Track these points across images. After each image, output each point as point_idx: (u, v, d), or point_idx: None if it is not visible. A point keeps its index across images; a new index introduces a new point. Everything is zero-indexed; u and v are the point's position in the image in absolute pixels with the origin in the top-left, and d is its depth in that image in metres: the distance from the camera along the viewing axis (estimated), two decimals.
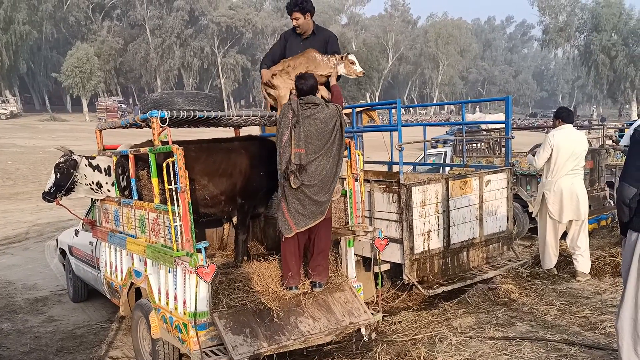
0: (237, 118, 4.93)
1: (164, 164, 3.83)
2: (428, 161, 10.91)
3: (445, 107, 64.78)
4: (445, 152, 11.75)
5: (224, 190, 5.25)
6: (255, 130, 7.77)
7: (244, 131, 6.27)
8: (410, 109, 66.82)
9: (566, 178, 5.83)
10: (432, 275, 5.61)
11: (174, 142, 4.01)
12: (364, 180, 5.80)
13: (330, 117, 4.17)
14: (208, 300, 3.92)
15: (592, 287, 5.44)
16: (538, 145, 6.88)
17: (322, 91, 4.75)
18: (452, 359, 4.00)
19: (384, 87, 72.25)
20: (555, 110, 6.43)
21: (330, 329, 4.25)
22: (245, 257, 5.30)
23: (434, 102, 66.03)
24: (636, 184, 3.13)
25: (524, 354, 3.98)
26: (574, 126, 6.12)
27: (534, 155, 6.15)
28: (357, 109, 7.46)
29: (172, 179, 3.79)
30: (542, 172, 6.16)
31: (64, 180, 5.41)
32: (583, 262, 5.91)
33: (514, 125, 23.35)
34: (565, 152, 5.78)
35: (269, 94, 5.08)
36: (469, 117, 25.45)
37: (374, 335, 4.68)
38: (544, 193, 6.00)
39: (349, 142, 4.88)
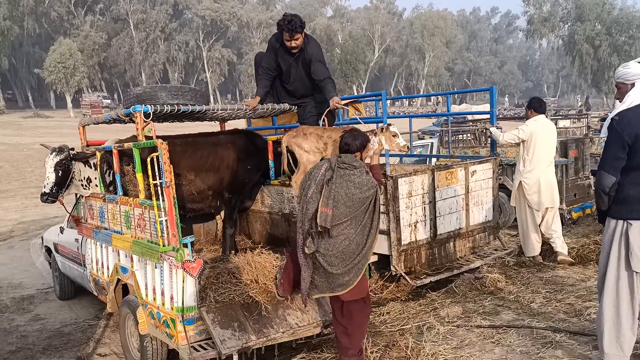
0: (222, 112, 4.90)
1: (149, 159, 3.79)
2: (415, 152, 10.95)
3: (432, 98, 64.89)
4: (432, 143, 11.80)
5: (210, 185, 5.24)
6: (241, 124, 7.74)
7: (230, 125, 6.24)
8: (397, 100, 66.90)
9: (542, 168, 5.96)
10: (420, 265, 5.63)
11: (158, 137, 3.98)
12: None
13: (366, 186, 3.61)
14: (195, 295, 3.91)
15: (576, 275, 5.52)
16: None
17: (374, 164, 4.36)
18: (439, 348, 4.03)
19: (371, 80, 72.25)
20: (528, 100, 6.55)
21: (318, 321, 4.27)
22: (233, 251, 5.29)
23: (420, 93, 66.15)
24: (615, 173, 3.18)
25: (510, 342, 4.03)
26: (557, 115, 6.22)
27: (498, 128, 6.29)
28: (344, 101, 7.46)
29: (157, 174, 3.76)
30: (518, 161, 6.28)
31: (65, 178, 5.34)
32: (560, 244, 6.16)
33: (500, 116, 23.53)
34: (541, 141, 5.96)
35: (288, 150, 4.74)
36: (455, 108, 25.57)
37: None
38: (521, 182, 6.12)
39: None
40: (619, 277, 3.24)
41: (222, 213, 5.67)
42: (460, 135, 11.41)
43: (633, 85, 3.34)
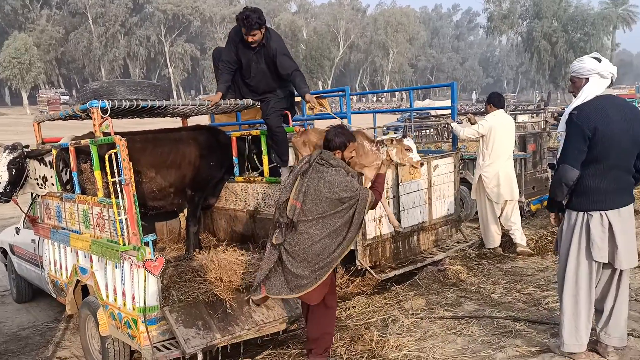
0: (184, 107, 4.82)
1: (107, 156, 3.70)
2: None
3: (397, 94, 65.59)
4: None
5: (172, 182, 5.15)
6: (204, 120, 7.65)
7: (193, 121, 6.14)
8: (364, 96, 67.31)
9: (501, 161, 6.11)
10: (384, 259, 5.69)
11: (116, 133, 3.88)
12: None
13: (338, 187, 3.47)
14: (158, 295, 3.84)
15: (535, 265, 5.68)
16: None
17: (367, 177, 4.18)
18: (403, 340, 4.08)
19: (336, 75, 72.46)
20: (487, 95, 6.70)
21: (284, 317, 4.25)
22: (197, 249, 5.22)
23: (385, 89, 66.74)
24: (578, 166, 3.25)
25: (472, 332, 4.11)
26: (517, 110, 6.39)
27: (459, 123, 6.42)
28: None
29: (116, 171, 3.67)
30: (478, 155, 6.42)
31: (19, 177, 5.15)
32: (519, 235, 6.34)
33: (462, 111, 23.99)
34: (500, 136, 6.11)
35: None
36: (419, 103, 25.89)
37: None
38: (481, 176, 6.26)
39: (298, 130, 4.87)
40: (578, 268, 3.32)
41: (186, 210, 5.58)
42: (424, 131, 11.56)
43: (587, 80, 3.38)
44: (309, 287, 3.61)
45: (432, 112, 14.20)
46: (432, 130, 11.50)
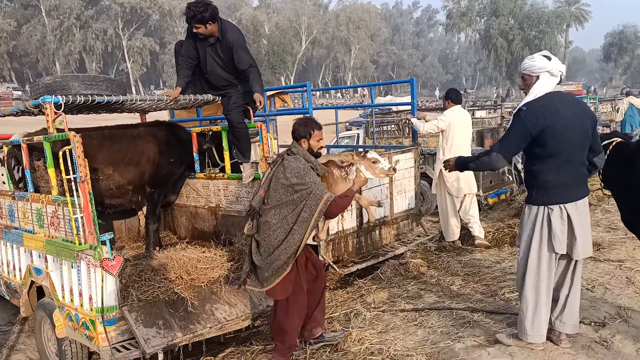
0: (142, 103, 4.71)
1: (61, 153, 3.59)
2: (342, 143, 11.12)
3: (359, 90, 66.07)
4: (358, 134, 12.04)
5: (131, 180, 5.05)
6: (164, 116, 7.51)
7: (152, 117, 6.02)
8: (326, 92, 67.50)
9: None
10: (347, 254, 5.74)
11: (71, 129, 3.77)
12: None
13: (291, 173, 3.52)
14: (116, 294, 3.76)
15: (492, 257, 5.83)
16: None
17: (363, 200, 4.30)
18: (366, 334, 4.12)
19: (299, 71, 72.34)
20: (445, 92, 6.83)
21: (247, 314, 4.24)
22: (157, 248, 5.14)
23: (347, 85, 67.09)
24: (510, 158, 3.46)
25: (432, 324, 4.20)
26: (475, 106, 6.54)
27: (419, 119, 6.54)
28: (269, 93, 7.43)
29: (71, 168, 3.57)
30: (438, 150, 6.55)
31: None
32: (477, 228, 6.50)
33: (423, 107, 24.35)
34: (458, 131, 6.25)
35: None
36: (381, 99, 26.14)
37: None
38: (441, 170, 6.39)
39: (260, 125, 4.85)
40: (540, 261, 3.40)
41: (145, 208, 5.48)
42: (385, 127, 11.69)
43: (538, 77, 3.45)
44: (271, 281, 3.65)
45: (394, 108, 14.38)
46: (393, 126, 11.64)
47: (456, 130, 6.29)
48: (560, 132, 3.26)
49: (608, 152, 3.80)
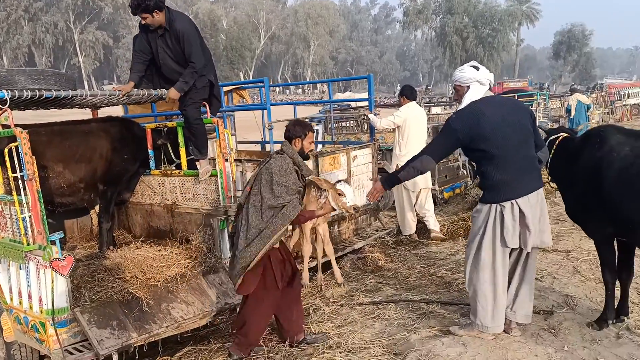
0: (92, 98, 4.58)
1: (6, 150, 3.45)
2: None
3: (318, 86, 66.17)
4: (317, 130, 12.05)
5: (82, 177, 4.91)
6: (117, 111, 7.31)
7: (104, 112, 5.85)
8: (287, 88, 67.25)
9: (416, 151, 6.33)
10: None
11: (17, 125, 3.62)
12: (236, 160, 5.76)
13: (276, 170, 3.61)
14: (67, 295, 3.65)
15: (447, 250, 5.98)
16: None
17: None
18: (324, 327, 4.16)
19: (258, 67, 71.84)
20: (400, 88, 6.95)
21: (205, 312, 4.19)
22: (111, 247, 5.02)
23: (305, 81, 67.04)
24: (438, 159, 3.60)
25: (389, 316, 4.27)
26: (431, 102, 6.68)
27: (376, 115, 6.65)
28: (227, 88, 7.35)
29: (17, 166, 3.44)
30: (394, 146, 6.66)
31: None
32: (433, 222, 6.64)
33: (381, 104, 24.62)
34: (414, 126, 6.37)
35: None
36: (339, 95, 26.25)
37: None
38: (397, 165, 6.48)
39: (217, 121, 4.79)
40: (495, 256, 3.49)
41: (98, 207, 5.33)
42: (344, 122, 11.76)
43: (468, 87, 3.63)
44: (236, 279, 3.71)
45: (353, 104, 14.47)
46: (352, 121, 11.72)
47: (412, 126, 6.42)
48: (491, 134, 3.38)
49: (555, 146, 3.95)
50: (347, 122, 11.76)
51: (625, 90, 28.28)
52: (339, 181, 4.11)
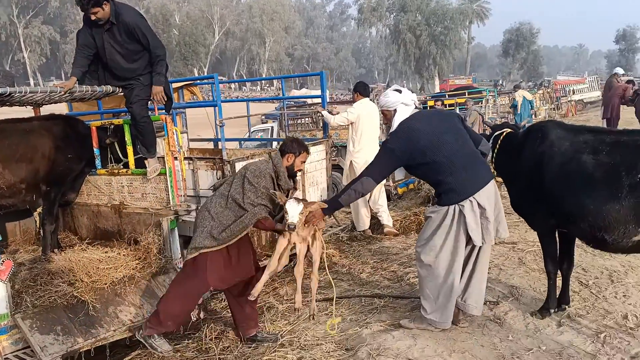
0: (32, 95, 4.37)
1: None
2: (256, 137, 11.03)
3: (275, 83, 65.81)
4: (272, 127, 12.00)
5: (23, 178, 4.71)
6: (61, 109, 7.04)
7: (47, 110, 5.62)
8: (243, 85, 66.62)
9: (369, 147, 6.43)
10: (260, 247, 5.71)
11: None
12: (187, 158, 5.65)
13: (252, 169, 3.72)
14: (7, 301, 3.51)
15: (400, 245, 6.07)
16: None
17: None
18: (278, 325, 4.15)
19: (212, 63, 70.82)
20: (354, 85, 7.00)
21: None
22: (55, 250, 4.83)
23: (257, 78, 66.62)
24: (379, 180, 3.66)
25: (342, 312, 4.30)
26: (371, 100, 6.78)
27: (330, 112, 6.70)
28: (176, 84, 7.20)
29: None
30: (348, 142, 6.70)
31: None
32: (386, 217, 6.71)
33: (337, 100, 24.74)
34: (367, 123, 6.43)
35: None
36: (295, 92, 26.24)
37: (202, 315, 4.64)
38: (351, 162, 6.54)
39: (165, 118, 4.68)
40: (452, 256, 3.56)
41: (41, 208, 5.13)
42: (300, 119, 11.74)
43: (395, 110, 3.78)
44: (191, 253, 3.70)
45: (309, 101, 14.47)
46: (307, 118, 11.71)
47: (365, 122, 6.47)
48: (430, 145, 3.48)
49: (499, 142, 4.07)
50: (303, 119, 11.75)
51: (570, 86, 29.49)
52: (293, 198, 3.99)
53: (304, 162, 3.99)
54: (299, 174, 4.10)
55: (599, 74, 55.41)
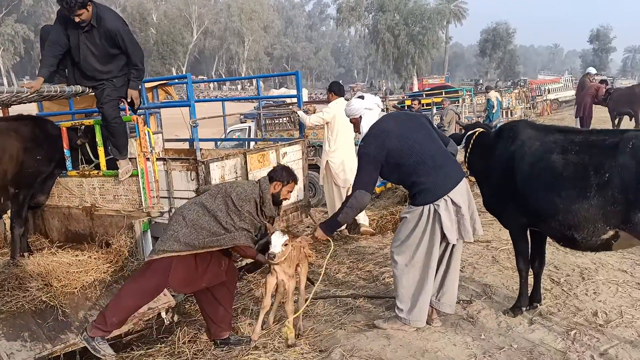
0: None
1: None
2: (234, 136, 10.96)
3: (254, 82, 65.48)
4: (249, 127, 11.94)
5: None
6: (31, 109, 6.89)
7: (15, 110, 5.49)
8: (223, 84, 66.13)
9: (345, 147, 6.43)
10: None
11: None
12: (161, 158, 5.58)
13: (238, 189, 3.71)
14: None
15: (376, 244, 6.08)
16: None
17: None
18: (252, 328, 4.11)
19: (191, 62, 70.18)
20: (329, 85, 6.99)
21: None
22: (24, 254, 4.72)
23: (232, 77, 66.21)
24: (371, 190, 3.64)
25: (317, 312, 4.28)
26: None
27: (306, 112, 6.69)
28: (149, 84, 7.11)
29: None
30: (324, 142, 6.69)
31: None
32: (363, 216, 6.69)
33: (317, 100, 24.72)
34: (343, 122, 6.38)
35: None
36: (274, 92, 26.17)
37: (176, 318, 4.59)
38: (327, 162, 6.52)
39: (137, 119, 4.61)
40: (427, 255, 3.57)
41: (10, 211, 5.00)
42: (278, 119, 11.70)
43: (361, 117, 3.80)
44: (158, 253, 3.63)
45: (288, 100, 14.42)
46: (285, 118, 11.67)
47: (340, 122, 6.44)
48: (401, 145, 3.52)
49: (472, 141, 4.10)
50: (280, 119, 11.70)
51: (546, 85, 29.98)
52: (280, 230, 3.91)
53: (291, 191, 3.99)
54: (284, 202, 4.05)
55: (574, 73, 56.47)
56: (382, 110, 3.92)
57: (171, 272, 3.60)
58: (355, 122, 3.85)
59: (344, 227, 6.72)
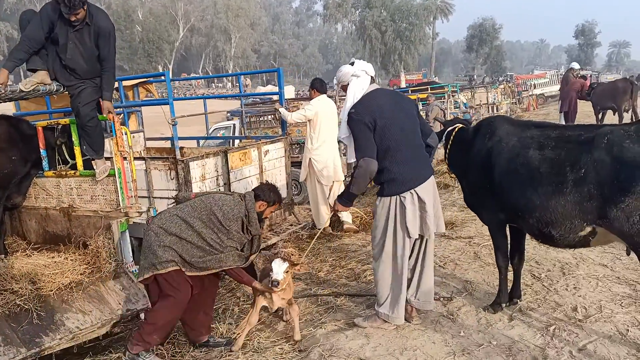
0: None
1: None
2: (218, 134, 10.88)
3: (241, 80, 65.07)
4: (234, 125, 11.86)
5: None
6: (7, 108, 6.77)
7: None
8: (212, 82, 65.68)
9: (328, 144, 6.40)
10: None
11: None
12: (139, 157, 5.51)
13: (220, 204, 3.66)
14: None
15: (359, 241, 6.05)
16: None
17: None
18: (234, 328, 4.07)
19: (177, 60, 69.68)
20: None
21: (104, 321, 3.98)
22: (1, 256, 4.63)
23: (214, 74, 65.72)
24: (374, 156, 3.49)
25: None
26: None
27: (287, 109, 6.66)
28: (129, 82, 7.03)
29: None
30: (307, 140, 6.65)
31: None
32: (346, 214, 6.67)
33: (305, 97, 24.65)
34: (325, 119, 6.37)
35: None
36: (261, 89, 26.06)
37: None
38: (310, 159, 6.49)
39: (113, 117, 4.53)
40: (396, 247, 3.56)
41: None
42: (263, 117, 11.63)
43: (349, 83, 3.76)
44: (144, 272, 3.69)
45: (275, 97, 14.35)
46: (269, 115, 11.60)
47: (323, 119, 6.42)
48: (388, 124, 3.48)
49: (452, 137, 4.08)
50: (265, 117, 11.63)
51: (532, 81, 30.16)
52: (280, 258, 3.94)
53: (273, 212, 3.99)
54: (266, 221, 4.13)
55: (559, 68, 56.91)
56: (372, 77, 3.81)
57: (187, 277, 3.63)
58: (345, 89, 3.79)
59: (327, 224, 6.71)
